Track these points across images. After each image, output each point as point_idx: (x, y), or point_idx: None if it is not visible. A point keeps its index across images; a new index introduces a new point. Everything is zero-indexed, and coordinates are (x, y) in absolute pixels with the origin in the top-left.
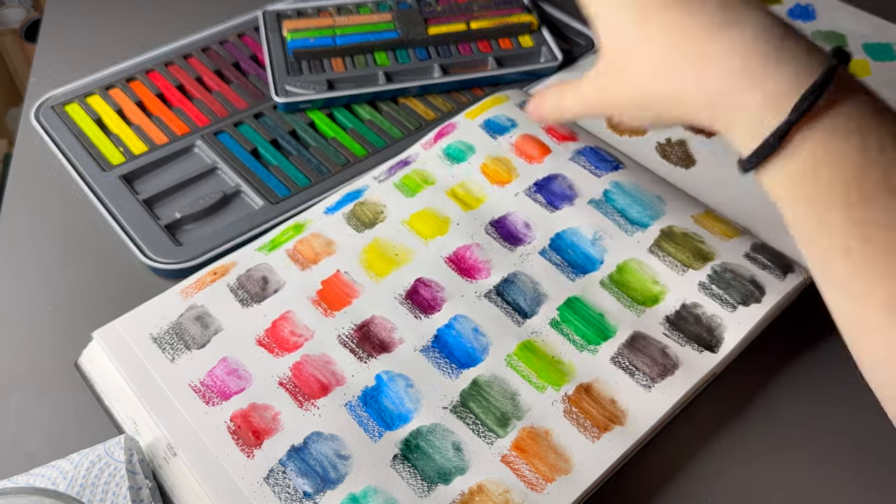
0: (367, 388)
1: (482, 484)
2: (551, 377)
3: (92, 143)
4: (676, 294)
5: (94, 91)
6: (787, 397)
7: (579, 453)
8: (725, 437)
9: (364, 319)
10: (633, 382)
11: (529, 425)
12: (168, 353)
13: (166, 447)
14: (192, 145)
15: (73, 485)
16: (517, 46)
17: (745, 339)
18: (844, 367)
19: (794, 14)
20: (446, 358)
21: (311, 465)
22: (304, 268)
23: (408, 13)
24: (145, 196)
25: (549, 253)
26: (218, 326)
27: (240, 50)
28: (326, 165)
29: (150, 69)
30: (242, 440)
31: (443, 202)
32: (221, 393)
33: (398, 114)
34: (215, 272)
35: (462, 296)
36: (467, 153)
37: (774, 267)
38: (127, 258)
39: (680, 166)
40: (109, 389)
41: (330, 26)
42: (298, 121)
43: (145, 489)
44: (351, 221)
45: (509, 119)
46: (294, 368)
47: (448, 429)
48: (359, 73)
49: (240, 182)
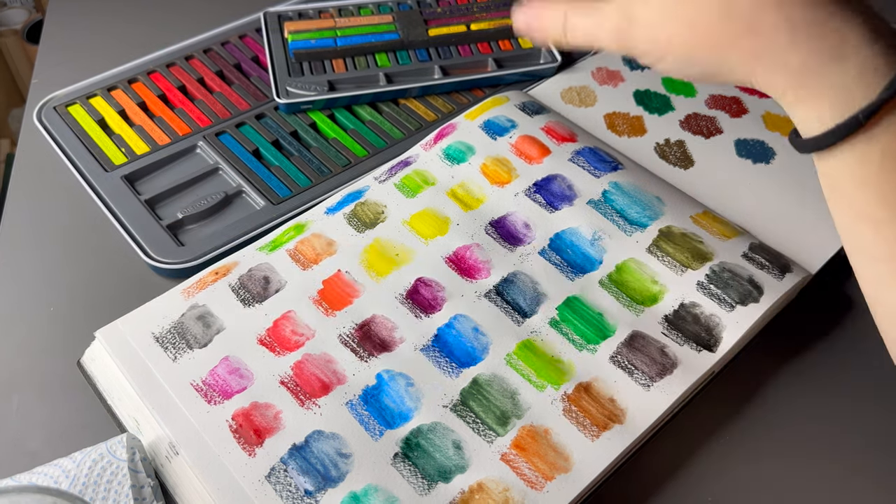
0: (368, 387)
1: (482, 482)
2: (551, 376)
3: (94, 143)
4: (675, 294)
5: (96, 92)
6: (786, 397)
7: (579, 452)
8: (724, 436)
9: (365, 319)
10: (632, 381)
11: (529, 424)
12: (170, 352)
13: (168, 446)
14: (193, 146)
15: (75, 483)
16: (517, 48)
17: (743, 339)
18: (843, 367)
19: None
20: (446, 357)
21: (312, 463)
22: (306, 268)
23: (408, 15)
24: (147, 196)
25: (549, 253)
26: (220, 326)
27: (241, 51)
28: (327, 166)
29: (152, 70)
30: (244, 439)
31: (443, 202)
32: (223, 392)
33: (399, 115)
34: (217, 272)
35: (462, 295)
36: (467, 154)
37: (772, 267)
38: (129, 258)
39: (679, 167)
40: (111, 388)
41: (331, 28)
42: (300, 121)
43: (147, 488)
44: (352, 221)
45: (509, 120)
46: (295, 367)
47: (448, 427)
48: (360, 74)
49: (241, 182)
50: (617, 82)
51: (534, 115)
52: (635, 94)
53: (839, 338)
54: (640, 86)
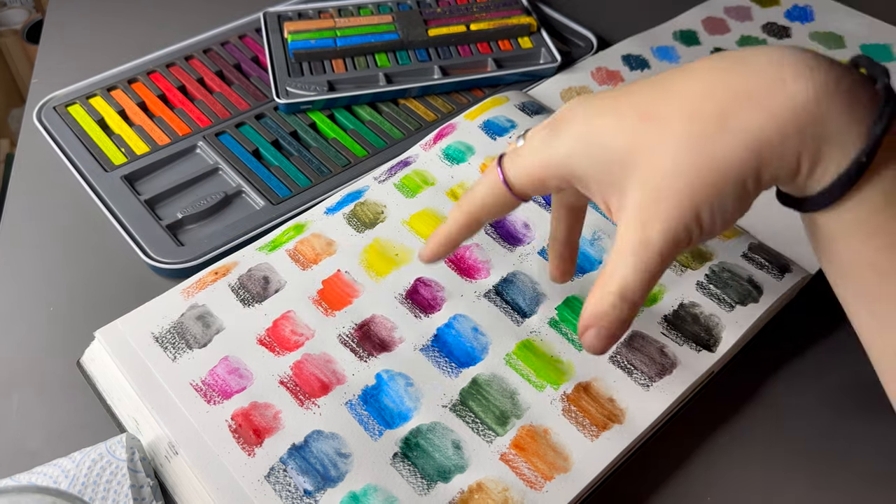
0: (368, 387)
1: (482, 482)
2: (550, 376)
3: (94, 143)
4: (674, 293)
5: (95, 92)
6: (786, 397)
7: (578, 452)
8: (724, 436)
9: (364, 319)
10: (632, 381)
11: (528, 424)
12: (170, 352)
13: (168, 446)
14: (193, 146)
15: (74, 483)
16: (517, 48)
17: (742, 339)
18: (843, 366)
19: (792, 15)
20: (446, 357)
21: (311, 463)
22: (305, 268)
23: (408, 15)
24: (147, 196)
25: None
26: (219, 326)
27: (241, 51)
28: (327, 166)
29: (152, 70)
30: (243, 439)
31: (443, 202)
32: (223, 392)
33: (398, 115)
34: (217, 272)
35: (462, 295)
36: (467, 154)
37: (772, 267)
38: (129, 258)
39: None
40: (111, 388)
41: (331, 28)
42: (299, 122)
43: (147, 488)
44: (351, 222)
45: (509, 120)
46: (295, 367)
47: (448, 427)
48: (359, 74)
49: (241, 182)
50: (617, 82)
51: (533, 115)
52: None
53: (839, 338)
54: None
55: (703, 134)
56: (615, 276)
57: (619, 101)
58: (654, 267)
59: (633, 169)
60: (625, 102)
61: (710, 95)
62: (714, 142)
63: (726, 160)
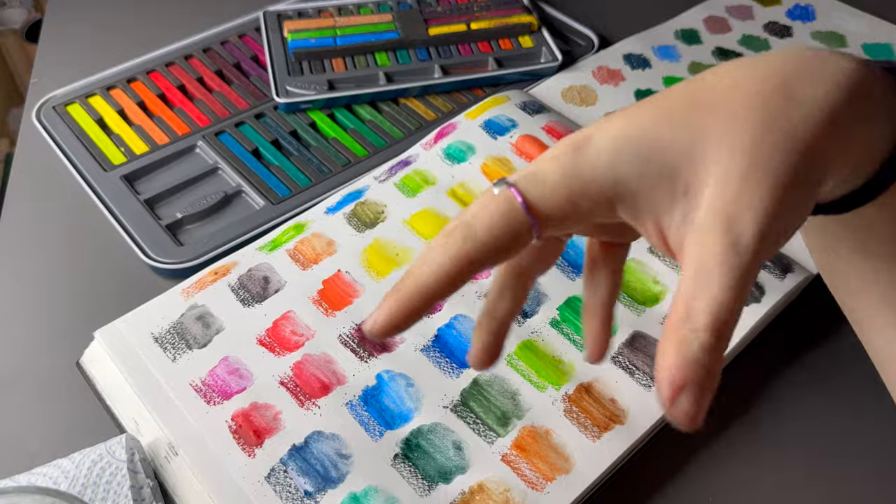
0: (368, 388)
1: (483, 483)
2: (551, 376)
3: (93, 143)
4: None
5: (95, 91)
6: (787, 397)
7: (579, 452)
8: (725, 436)
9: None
10: (634, 382)
11: (530, 424)
12: (169, 352)
13: (167, 446)
14: (193, 145)
15: (74, 484)
16: (517, 47)
17: (744, 339)
18: (843, 367)
19: (793, 15)
20: (447, 357)
21: (312, 464)
22: (305, 268)
23: (408, 14)
24: (147, 196)
25: None
26: (219, 326)
27: (241, 50)
28: (327, 165)
29: (152, 69)
30: (244, 439)
31: (443, 202)
32: (223, 392)
33: (399, 114)
34: (216, 272)
35: (462, 295)
36: (468, 153)
37: (774, 267)
38: (128, 258)
39: None
40: (111, 389)
41: (331, 27)
42: (299, 121)
43: (146, 488)
44: (352, 221)
45: (509, 119)
46: (295, 368)
47: (449, 428)
48: (359, 73)
49: (241, 182)
50: (618, 81)
51: (534, 114)
52: (636, 93)
53: (840, 338)
54: (642, 85)
55: (774, 107)
56: (699, 303)
57: (652, 102)
58: (750, 273)
59: (701, 161)
60: (661, 99)
61: (760, 77)
62: (788, 114)
63: (807, 132)
